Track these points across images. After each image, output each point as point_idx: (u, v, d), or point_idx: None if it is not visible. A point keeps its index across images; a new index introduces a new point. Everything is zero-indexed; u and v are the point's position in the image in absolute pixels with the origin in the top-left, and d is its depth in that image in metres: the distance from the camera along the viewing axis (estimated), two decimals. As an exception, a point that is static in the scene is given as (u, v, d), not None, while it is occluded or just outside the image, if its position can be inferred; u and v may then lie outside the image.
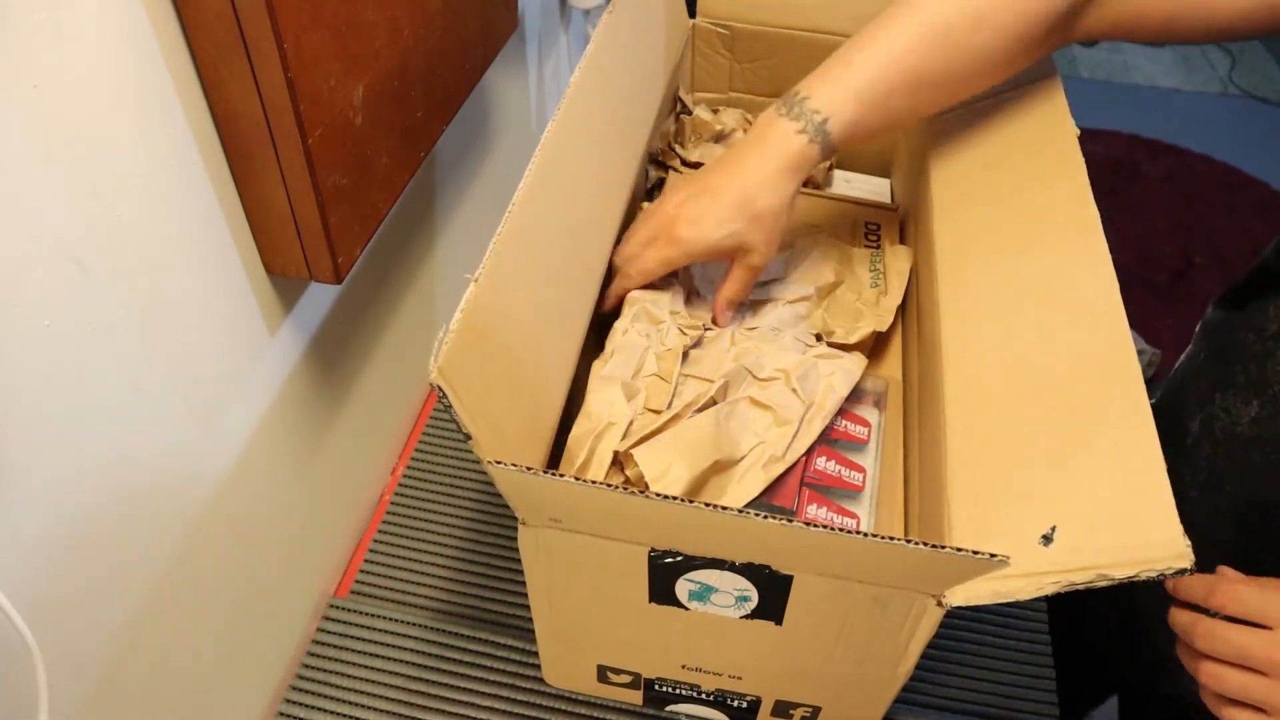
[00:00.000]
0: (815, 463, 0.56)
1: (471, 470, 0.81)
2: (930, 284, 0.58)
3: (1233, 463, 0.59)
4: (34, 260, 0.39)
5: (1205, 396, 0.62)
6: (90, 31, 0.40)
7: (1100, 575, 0.38)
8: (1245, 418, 0.58)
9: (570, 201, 0.55)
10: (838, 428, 0.58)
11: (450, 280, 0.88)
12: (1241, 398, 0.59)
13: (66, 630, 0.46)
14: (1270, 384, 0.56)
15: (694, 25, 0.80)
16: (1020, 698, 0.68)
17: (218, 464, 0.56)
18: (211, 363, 0.54)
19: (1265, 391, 0.57)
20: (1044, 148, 0.58)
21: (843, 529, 0.39)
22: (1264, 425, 0.57)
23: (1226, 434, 0.60)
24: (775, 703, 0.58)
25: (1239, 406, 0.59)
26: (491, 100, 0.91)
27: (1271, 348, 0.57)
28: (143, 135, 0.44)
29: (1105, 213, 0.51)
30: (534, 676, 0.67)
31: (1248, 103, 2.53)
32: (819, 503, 0.54)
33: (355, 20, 0.51)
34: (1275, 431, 0.56)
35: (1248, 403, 0.58)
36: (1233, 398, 0.60)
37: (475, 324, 0.42)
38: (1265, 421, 0.57)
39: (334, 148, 0.51)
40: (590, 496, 0.41)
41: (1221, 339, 0.63)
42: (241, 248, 0.54)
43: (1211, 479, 0.60)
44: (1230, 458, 0.59)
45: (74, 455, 0.44)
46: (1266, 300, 0.59)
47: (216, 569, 0.58)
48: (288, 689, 0.67)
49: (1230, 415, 0.59)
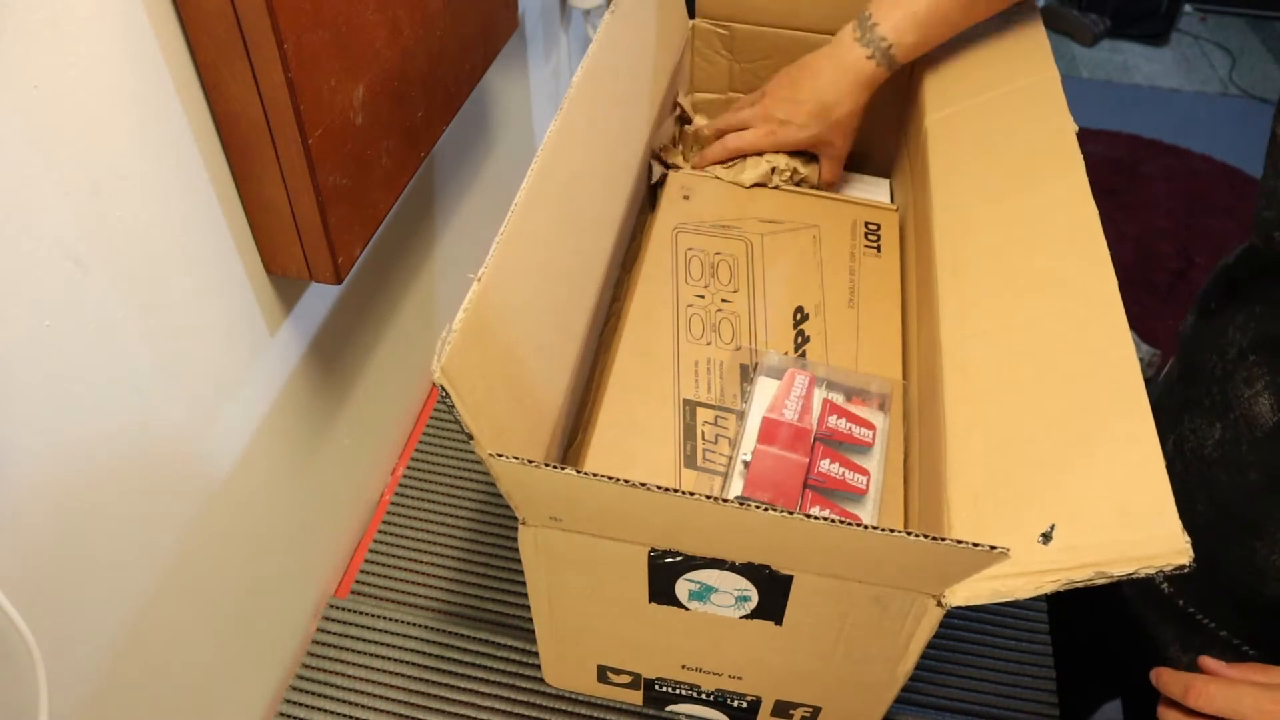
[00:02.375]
0: (819, 465, 0.56)
1: (472, 470, 0.81)
2: (929, 284, 0.58)
3: (1203, 482, 0.60)
4: (34, 260, 0.39)
5: (1175, 417, 0.63)
6: (90, 31, 0.40)
7: (1099, 573, 0.38)
8: (1210, 440, 0.59)
9: (572, 201, 0.55)
10: (842, 430, 0.58)
11: (450, 280, 0.88)
12: (1206, 420, 0.60)
13: (66, 630, 0.46)
14: (1232, 408, 0.57)
15: (694, 25, 0.80)
16: (1020, 698, 0.68)
17: (218, 464, 0.56)
18: (211, 363, 0.54)
19: (1228, 415, 0.57)
20: (1043, 146, 0.58)
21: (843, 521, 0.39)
22: (1227, 449, 0.57)
23: (1195, 455, 0.60)
24: (775, 703, 0.58)
25: (1204, 429, 0.60)
26: (491, 100, 0.91)
27: (1231, 370, 0.57)
28: (143, 135, 0.44)
29: (1105, 213, 0.51)
30: (534, 676, 0.67)
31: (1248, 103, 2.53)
32: (822, 504, 0.54)
33: (355, 20, 0.51)
34: (1238, 454, 0.56)
35: (1211, 425, 0.59)
36: (1199, 420, 0.60)
37: (478, 323, 0.42)
38: (1228, 445, 0.57)
39: (334, 148, 0.51)
40: (590, 489, 0.41)
41: (1191, 357, 0.64)
42: (241, 248, 0.54)
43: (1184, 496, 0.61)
44: (1201, 477, 0.60)
45: (74, 455, 0.44)
46: (1227, 319, 0.59)
47: (216, 569, 0.58)
48: (288, 689, 0.67)
49: (1197, 437, 0.60)
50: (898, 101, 0.79)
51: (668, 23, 0.74)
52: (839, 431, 0.58)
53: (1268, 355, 0.56)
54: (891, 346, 0.65)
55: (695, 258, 0.70)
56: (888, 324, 0.66)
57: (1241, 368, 0.57)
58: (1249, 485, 0.56)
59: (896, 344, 0.65)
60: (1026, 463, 0.44)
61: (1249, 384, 0.56)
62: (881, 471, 0.58)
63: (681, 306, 0.66)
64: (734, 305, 0.67)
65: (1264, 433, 0.55)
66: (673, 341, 0.64)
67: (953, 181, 0.61)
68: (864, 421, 0.59)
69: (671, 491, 0.39)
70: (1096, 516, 0.40)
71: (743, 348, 0.64)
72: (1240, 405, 0.56)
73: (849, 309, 0.67)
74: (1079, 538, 0.40)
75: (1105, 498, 0.41)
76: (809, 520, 0.39)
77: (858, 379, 0.61)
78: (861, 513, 0.56)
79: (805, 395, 0.58)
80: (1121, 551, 0.38)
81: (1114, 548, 0.39)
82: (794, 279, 0.68)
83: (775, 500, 0.54)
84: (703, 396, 0.61)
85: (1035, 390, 0.47)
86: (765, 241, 0.71)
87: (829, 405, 0.59)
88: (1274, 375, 0.55)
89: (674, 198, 0.75)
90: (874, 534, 0.39)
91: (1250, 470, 0.56)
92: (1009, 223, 0.56)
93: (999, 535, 0.42)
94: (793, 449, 0.56)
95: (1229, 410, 0.57)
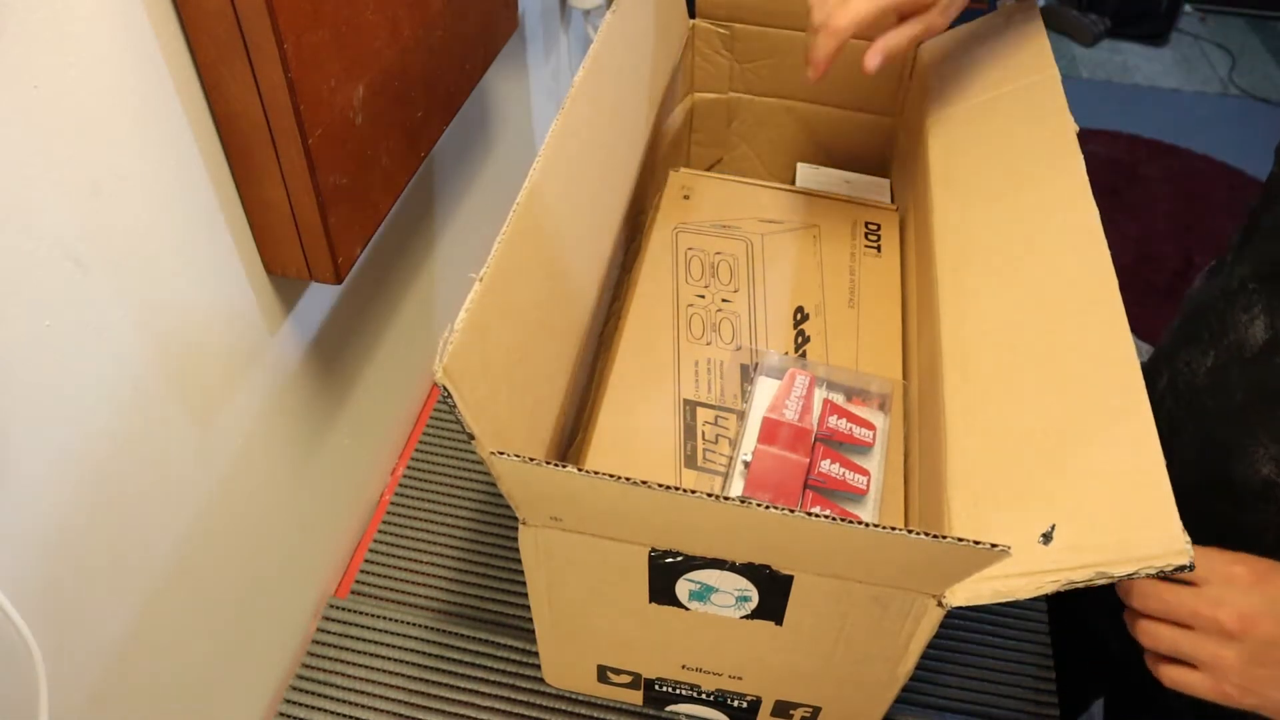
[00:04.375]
0: (819, 465, 0.56)
1: (472, 470, 0.81)
2: (930, 283, 0.58)
3: (1190, 412, 0.61)
4: (34, 260, 0.39)
5: (1172, 355, 0.64)
6: (90, 31, 0.40)
7: (1100, 573, 0.38)
8: (1202, 369, 0.60)
9: (573, 201, 0.55)
10: (842, 430, 0.58)
11: (450, 280, 0.88)
12: (1201, 350, 0.61)
13: (66, 630, 0.46)
14: (1228, 331, 0.58)
15: (694, 25, 0.80)
16: (1020, 698, 0.68)
17: (218, 464, 0.56)
18: (211, 362, 0.54)
19: (1221, 342, 0.58)
20: (1043, 146, 0.58)
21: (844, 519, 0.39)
22: (1217, 374, 0.58)
23: (1187, 385, 0.61)
24: (775, 703, 0.58)
25: (1198, 359, 0.61)
26: (491, 100, 0.91)
27: (1232, 299, 0.58)
28: (143, 135, 0.44)
29: (1105, 213, 0.51)
30: (534, 676, 0.67)
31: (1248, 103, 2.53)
32: (822, 504, 0.54)
33: (355, 20, 0.51)
34: (1228, 379, 0.57)
35: (1205, 354, 0.60)
36: (1194, 351, 0.61)
37: (480, 323, 0.42)
38: (1219, 370, 0.58)
39: (334, 148, 0.51)
40: (592, 487, 0.41)
41: (1194, 299, 0.65)
42: (241, 247, 0.54)
43: (1170, 429, 0.61)
44: (1189, 407, 0.61)
45: (74, 455, 0.44)
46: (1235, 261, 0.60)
47: (216, 569, 0.58)
48: (288, 689, 0.67)
49: (1190, 369, 0.61)
50: (898, 101, 0.79)
51: (668, 23, 0.74)
52: (839, 432, 0.58)
53: (1267, 282, 0.56)
54: (891, 346, 0.65)
55: (695, 257, 0.70)
56: (888, 324, 0.66)
57: (1241, 296, 0.58)
58: (1235, 406, 0.57)
59: (896, 344, 0.65)
60: (1027, 463, 0.44)
61: (1246, 309, 0.57)
62: (882, 472, 0.58)
63: (682, 306, 0.66)
64: (734, 305, 0.67)
65: (1253, 353, 0.56)
66: (673, 341, 0.64)
67: (953, 181, 0.61)
68: (864, 422, 0.59)
69: (673, 490, 0.39)
70: (1097, 517, 0.40)
71: (743, 348, 0.64)
72: (1236, 330, 0.57)
73: (849, 309, 0.67)
74: (1080, 538, 0.40)
75: (1105, 498, 0.41)
76: (810, 519, 0.39)
77: (858, 379, 0.61)
78: (862, 513, 0.56)
79: (806, 395, 0.58)
80: (1122, 552, 0.38)
81: (1114, 548, 0.39)
82: (794, 279, 0.68)
83: (776, 500, 0.54)
84: (703, 396, 0.61)
85: (1036, 390, 0.47)
86: (765, 241, 0.71)
87: (829, 405, 0.59)
88: (1271, 299, 0.55)
89: (674, 198, 0.75)
90: (875, 532, 0.39)
91: (1237, 392, 0.57)
92: (1010, 222, 0.56)
93: (1000, 535, 0.42)
94: (793, 449, 0.56)
95: (1224, 337, 0.59)
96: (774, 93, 0.82)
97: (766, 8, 0.78)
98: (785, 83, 0.81)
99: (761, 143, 0.87)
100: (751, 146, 0.88)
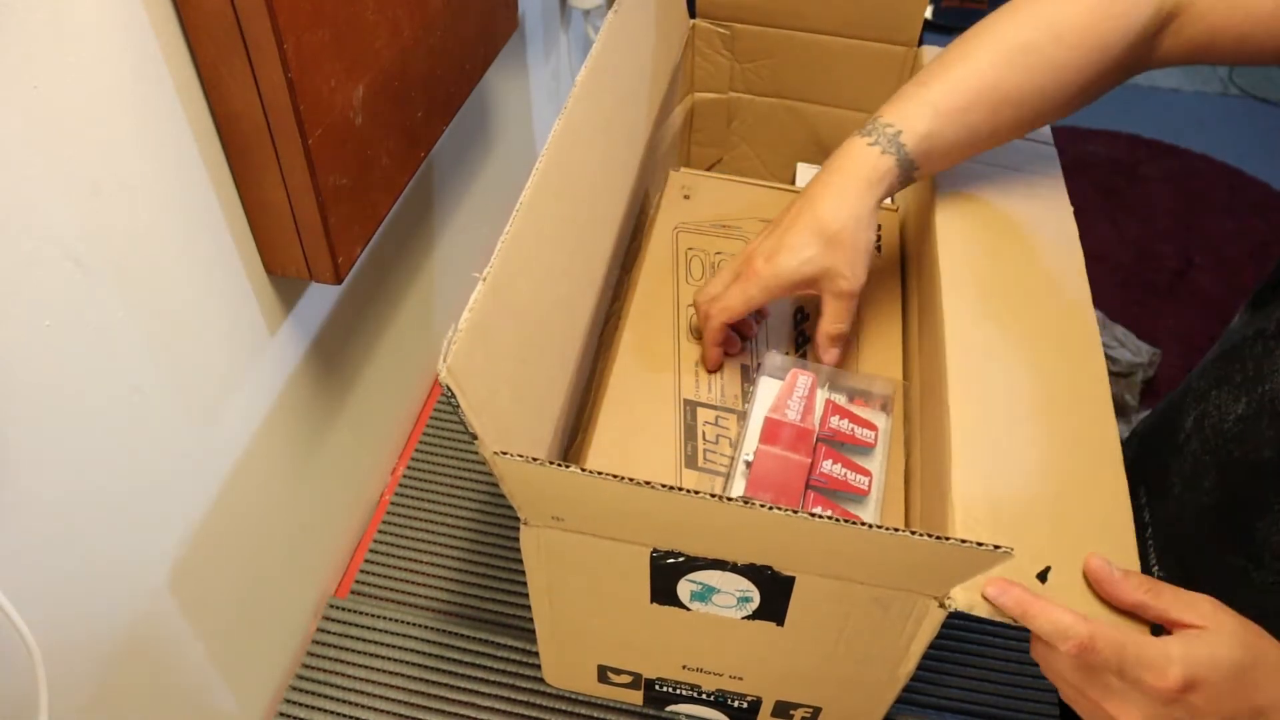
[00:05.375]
0: (821, 465, 0.56)
1: (472, 470, 0.81)
2: (930, 284, 0.58)
3: (1215, 459, 0.59)
4: (34, 260, 0.39)
5: (1203, 394, 0.62)
6: (90, 32, 0.40)
7: None
8: (1232, 415, 0.58)
9: (574, 201, 0.55)
10: (844, 430, 0.58)
11: (450, 280, 0.88)
12: (1233, 395, 0.59)
13: (66, 630, 0.46)
14: (1264, 380, 0.56)
15: (694, 25, 0.80)
16: (1020, 698, 0.68)
17: (218, 464, 0.56)
18: (211, 362, 0.54)
19: (1257, 389, 0.57)
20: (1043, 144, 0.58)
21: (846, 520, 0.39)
22: (1248, 423, 0.57)
23: (1214, 430, 0.60)
24: (776, 703, 0.58)
25: (1229, 404, 0.59)
26: (491, 100, 0.91)
27: (1272, 347, 0.57)
28: (143, 135, 0.44)
29: (1105, 213, 0.51)
30: (534, 676, 0.67)
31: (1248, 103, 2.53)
32: (824, 505, 0.54)
33: (355, 20, 0.51)
34: (1259, 431, 0.56)
35: (1237, 400, 0.58)
36: (1226, 395, 0.60)
37: (483, 323, 0.42)
38: (1250, 419, 0.57)
39: (334, 148, 0.51)
40: (594, 487, 0.41)
41: (1232, 338, 0.63)
42: (241, 248, 0.54)
43: (1195, 473, 0.60)
44: (1214, 454, 0.59)
45: (74, 455, 0.44)
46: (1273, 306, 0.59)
47: (217, 569, 0.58)
48: (288, 689, 0.67)
49: (1220, 412, 0.59)
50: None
51: (668, 22, 0.74)
52: (841, 432, 0.58)
53: None
54: (892, 347, 0.64)
55: (696, 257, 0.70)
56: (888, 324, 0.66)
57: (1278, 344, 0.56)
58: (1262, 463, 0.55)
59: (897, 344, 0.65)
60: (1028, 463, 0.44)
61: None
62: (883, 472, 0.58)
63: (682, 306, 0.66)
64: (735, 305, 0.66)
65: None
66: (673, 341, 0.64)
67: (953, 181, 0.61)
68: (866, 422, 0.59)
69: (676, 490, 0.39)
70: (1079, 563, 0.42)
71: (743, 348, 0.64)
72: (1271, 380, 0.55)
73: (850, 309, 0.67)
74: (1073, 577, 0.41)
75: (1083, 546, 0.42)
76: (813, 519, 0.39)
77: (860, 380, 0.61)
78: (863, 514, 0.56)
79: (808, 396, 0.58)
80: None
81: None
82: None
83: (778, 501, 0.54)
84: (703, 396, 0.61)
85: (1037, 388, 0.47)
86: (766, 241, 0.71)
87: (831, 406, 0.59)
88: None
89: (674, 197, 0.75)
90: (878, 533, 0.39)
91: (1265, 448, 0.55)
92: (1010, 221, 0.56)
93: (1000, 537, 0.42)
94: (795, 449, 0.56)
95: (1259, 385, 0.56)
96: (774, 93, 0.82)
97: (766, 8, 0.77)
98: (785, 83, 0.81)
99: (761, 143, 0.87)
100: (751, 146, 0.88)
